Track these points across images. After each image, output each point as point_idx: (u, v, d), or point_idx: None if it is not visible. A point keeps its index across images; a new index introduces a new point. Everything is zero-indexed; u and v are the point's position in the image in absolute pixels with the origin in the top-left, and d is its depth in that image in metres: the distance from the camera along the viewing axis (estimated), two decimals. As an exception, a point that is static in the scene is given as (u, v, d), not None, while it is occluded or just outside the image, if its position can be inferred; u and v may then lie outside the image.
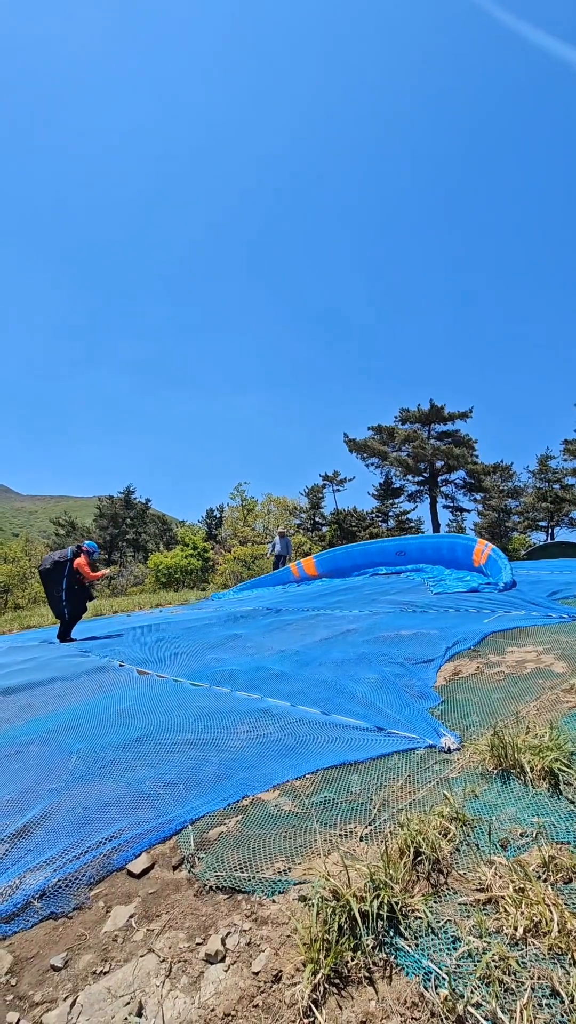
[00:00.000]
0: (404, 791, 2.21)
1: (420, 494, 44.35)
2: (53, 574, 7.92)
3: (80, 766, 2.96)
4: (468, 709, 3.05)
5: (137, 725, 3.48)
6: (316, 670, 4.29)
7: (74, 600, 8.04)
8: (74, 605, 8.06)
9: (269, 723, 3.21)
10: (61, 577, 7.89)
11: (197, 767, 2.73)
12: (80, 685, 4.91)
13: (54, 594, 7.96)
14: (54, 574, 7.92)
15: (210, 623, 8.05)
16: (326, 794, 2.29)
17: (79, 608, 8.21)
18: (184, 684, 4.40)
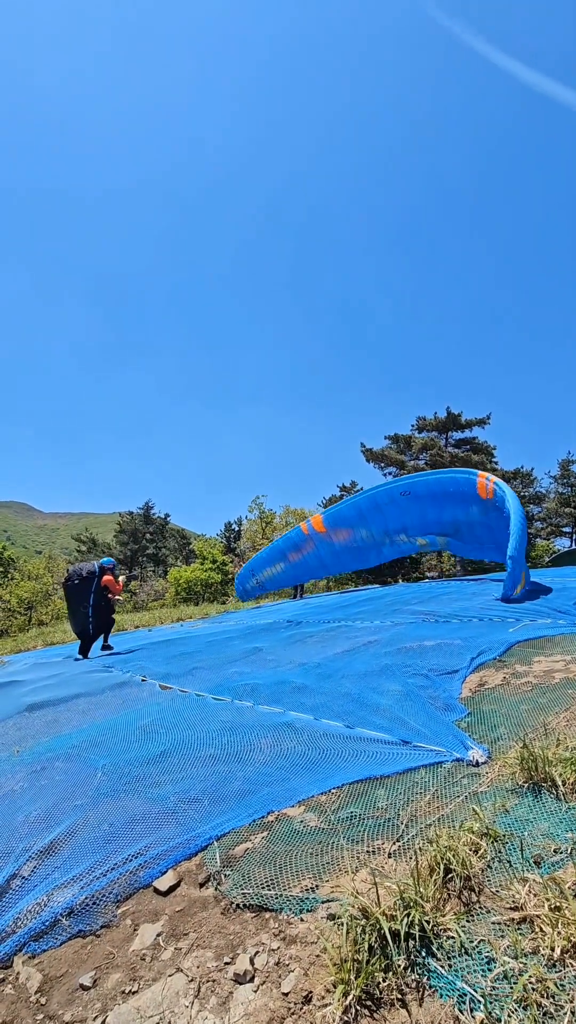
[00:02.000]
0: (432, 806, 2.16)
1: (439, 502, 43.91)
2: (81, 590, 8.00)
3: (105, 782, 2.97)
4: (495, 721, 2.98)
5: (161, 740, 3.49)
6: (339, 683, 4.25)
7: (100, 615, 8.13)
8: (100, 620, 8.15)
9: (293, 737, 3.18)
10: (88, 593, 7.96)
11: (221, 782, 2.72)
12: (104, 701, 4.94)
13: (80, 609, 8.04)
14: (82, 590, 8.00)
15: (231, 637, 8.05)
16: (352, 809, 2.25)
17: (106, 623, 8.30)
18: (206, 698, 4.39)
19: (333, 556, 14.18)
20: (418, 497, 11.72)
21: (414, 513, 12.16)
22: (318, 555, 14.32)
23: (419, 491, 11.64)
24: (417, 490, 11.66)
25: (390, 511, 12.40)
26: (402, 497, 12.03)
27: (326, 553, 14.16)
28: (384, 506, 12.41)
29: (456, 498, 11.04)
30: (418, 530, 12.58)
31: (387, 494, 12.39)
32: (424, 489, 11.57)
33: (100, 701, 4.93)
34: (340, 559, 14.32)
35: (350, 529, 13.47)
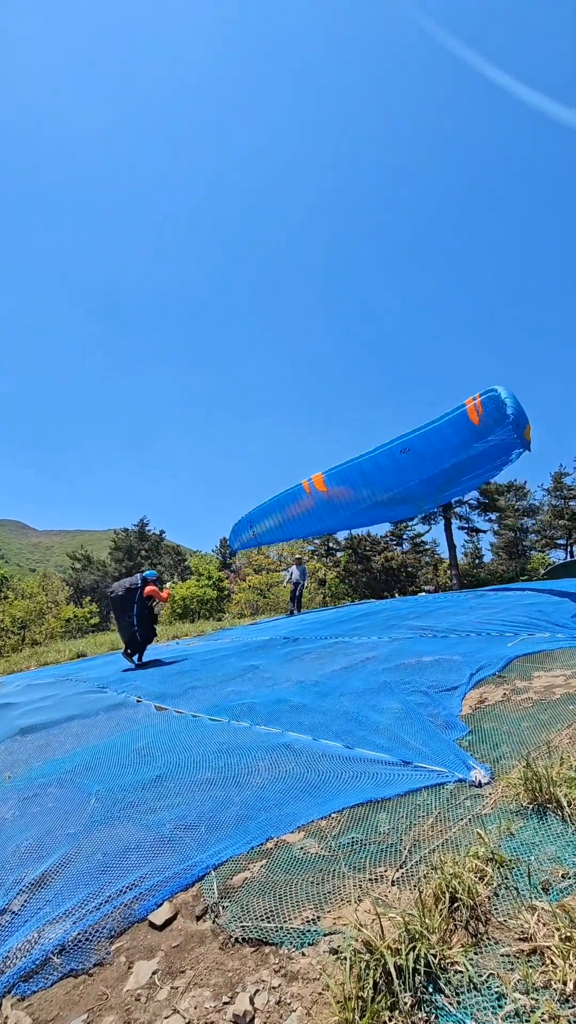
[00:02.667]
0: (435, 830, 2.11)
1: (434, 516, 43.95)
2: (125, 601, 8.27)
3: (99, 809, 2.89)
4: (497, 739, 2.93)
5: (156, 764, 3.41)
6: (337, 701, 4.18)
7: (145, 625, 8.42)
8: (145, 629, 8.43)
9: (291, 759, 3.12)
10: (132, 604, 8.23)
11: (218, 808, 2.65)
12: (98, 723, 4.84)
13: (124, 620, 8.33)
14: (126, 601, 8.27)
15: (227, 654, 7.95)
16: (353, 835, 2.19)
17: (150, 632, 8.57)
18: (203, 719, 4.31)
19: (332, 513, 14.01)
20: (418, 453, 11.42)
21: (416, 470, 11.90)
22: (316, 512, 14.14)
23: (418, 447, 11.36)
24: (416, 446, 11.37)
25: (392, 470, 12.07)
26: (403, 455, 11.76)
27: (324, 510, 13.99)
28: (386, 466, 12.10)
29: (455, 442, 10.81)
30: (421, 487, 12.42)
31: (388, 454, 12.06)
32: (423, 444, 11.29)
33: (94, 723, 4.83)
34: (338, 516, 14.17)
35: (350, 489, 13.20)
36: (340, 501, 13.53)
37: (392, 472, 12.21)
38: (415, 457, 11.56)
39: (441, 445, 11.11)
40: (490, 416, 9.70)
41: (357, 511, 13.65)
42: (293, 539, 15.77)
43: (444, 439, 10.98)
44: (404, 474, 12.12)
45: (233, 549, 17.16)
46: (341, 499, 13.49)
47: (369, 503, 13.20)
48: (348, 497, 13.40)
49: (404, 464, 11.88)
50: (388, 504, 13.14)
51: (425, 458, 11.51)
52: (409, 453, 11.58)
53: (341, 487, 13.26)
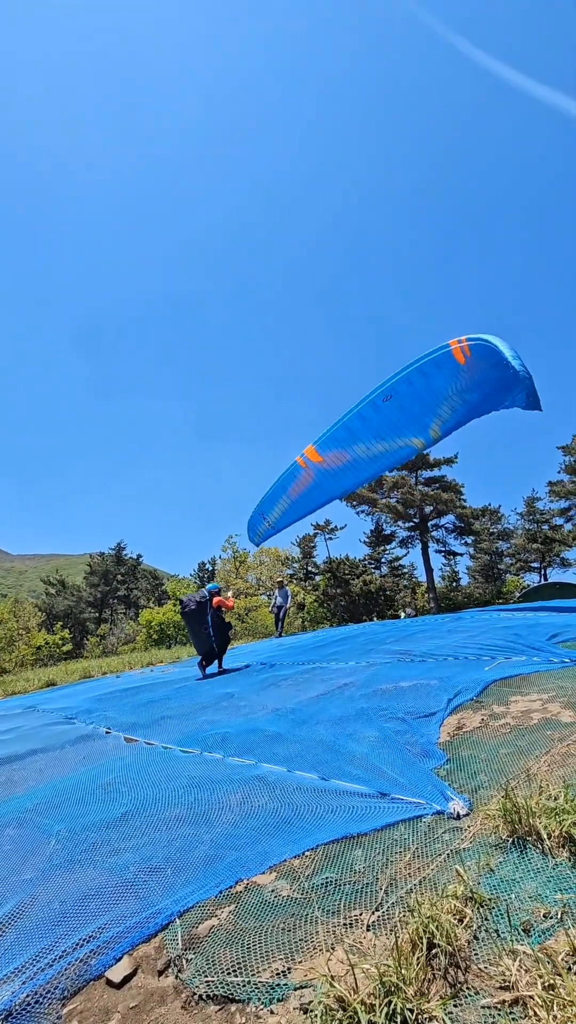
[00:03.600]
0: (412, 867, 2.01)
1: (411, 540, 44.34)
2: (197, 614, 8.70)
3: (59, 851, 2.71)
4: (475, 767, 2.86)
5: (123, 800, 3.24)
6: (313, 729, 4.07)
7: (221, 633, 8.84)
8: (221, 637, 8.85)
9: (264, 792, 2.99)
10: (205, 615, 8.66)
11: (186, 847, 2.50)
12: (64, 756, 4.62)
13: (201, 632, 8.73)
14: (198, 614, 8.70)
15: (202, 681, 7.75)
16: (328, 874, 2.08)
17: (225, 639, 8.98)
18: (174, 751, 4.14)
19: (333, 480, 13.69)
20: (402, 397, 11.13)
21: (403, 414, 11.68)
22: (319, 484, 13.82)
23: (401, 391, 11.12)
24: (399, 390, 11.14)
25: (378, 420, 11.81)
26: (386, 403, 11.52)
27: (326, 479, 13.67)
28: (371, 417, 11.82)
29: (438, 382, 10.64)
30: (412, 429, 12.14)
31: (370, 405, 11.68)
32: (405, 388, 11.08)
33: (60, 757, 4.60)
34: (340, 481, 13.86)
35: (344, 450, 12.85)
36: (338, 466, 13.24)
37: (379, 422, 11.92)
38: (401, 401, 11.30)
39: (424, 385, 10.85)
40: (481, 359, 9.56)
41: (358, 470, 13.41)
42: (307, 515, 15.47)
43: (427, 379, 10.72)
44: (393, 420, 11.87)
45: (257, 544, 16.81)
46: (339, 464, 13.22)
47: (367, 458, 12.95)
48: (345, 459, 13.12)
49: (390, 411, 11.61)
50: (386, 454, 12.87)
51: (411, 400, 11.22)
52: (392, 400, 11.34)
53: (334, 452, 12.95)
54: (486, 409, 11.23)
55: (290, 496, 14.44)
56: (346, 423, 12.36)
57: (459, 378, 10.49)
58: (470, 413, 11.59)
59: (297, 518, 15.42)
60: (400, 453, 12.99)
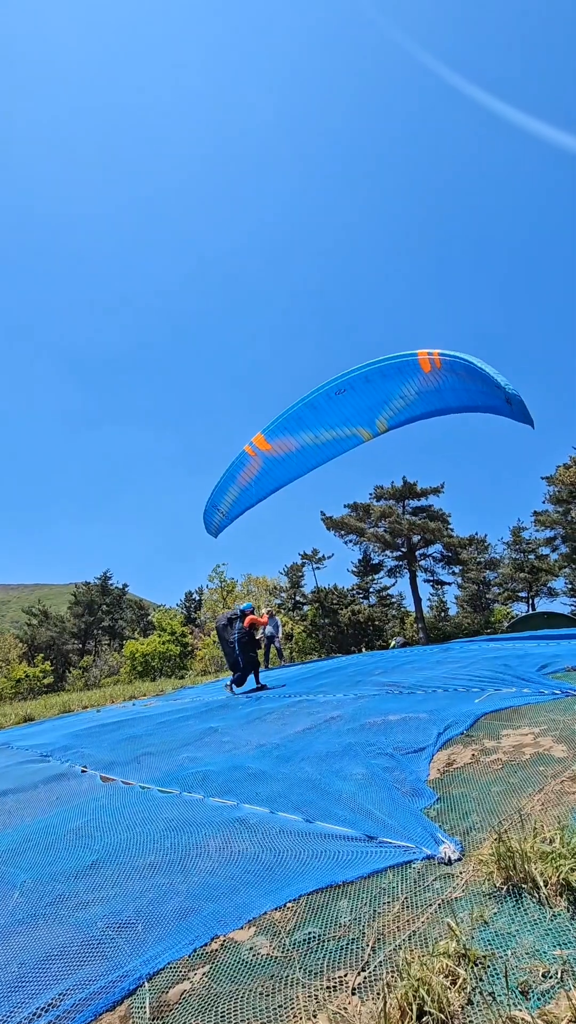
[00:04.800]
0: (402, 919, 1.88)
1: (399, 569, 44.31)
2: (227, 630, 9.43)
3: (22, 904, 2.51)
4: (467, 807, 2.73)
5: (94, 846, 3.03)
6: (298, 766, 3.90)
7: (245, 650, 9.30)
8: (246, 654, 9.31)
9: (245, 836, 2.82)
10: (232, 632, 9.34)
11: (160, 899, 2.33)
12: (35, 797, 4.37)
13: (227, 647, 9.45)
14: (228, 630, 9.43)
15: (185, 716, 7.48)
16: (311, 929, 1.93)
17: (251, 659, 9.37)
18: (152, 791, 3.93)
19: (281, 467, 13.85)
20: (356, 392, 11.34)
21: (354, 407, 11.90)
22: (266, 471, 13.95)
23: (357, 386, 11.28)
24: (355, 385, 11.29)
25: (329, 411, 12.01)
26: (339, 396, 11.72)
27: (273, 466, 13.82)
28: (322, 407, 12.03)
29: (395, 384, 10.83)
30: (360, 421, 12.33)
31: (324, 396, 11.87)
32: (362, 384, 11.24)
33: (31, 798, 4.35)
34: (287, 468, 14.00)
35: (292, 438, 13.03)
36: (286, 453, 13.43)
37: (329, 413, 12.16)
38: (354, 395, 11.55)
39: (381, 385, 11.11)
40: (456, 373, 9.79)
41: (305, 458, 13.64)
42: (256, 503, 15.51)
43: (386, 379, 10.97)
44: (344, 412, 12.14)
45: (215, 535, 16.69)
46: (286, 451, 13.43)
47: (314, 446, 13.17)
48: (293, 447, 13.34)
49: (342, 403, 11.85)
50: (333, 442, 13.10)
51: (365, 395, 11.47)
52: (346, 393, 11.59)
53: (282, 439, 13.10)
54: (420, 413, 11.74)
55: (239, 485, 14.64)
56: (296, 412, 12.66)
57: (418, 383, 10.91)
58: (425, 414, 12.03)
59: (248, 506, 15.63)
60: (347, 443, 13.40)
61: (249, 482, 14.45)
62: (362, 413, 12.21)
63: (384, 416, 12.17)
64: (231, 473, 14.37)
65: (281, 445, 13.33)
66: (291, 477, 14.56)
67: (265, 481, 14.39)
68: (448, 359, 9.87)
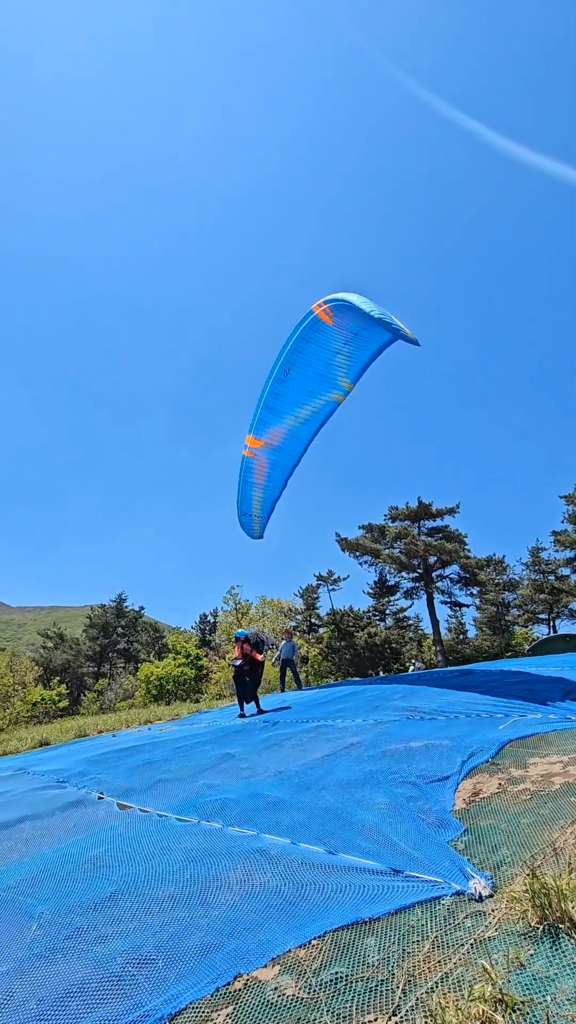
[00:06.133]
0: (432, 960, 1.80)
1: (416, 591, 43.77)
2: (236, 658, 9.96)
3: (40, 937, 2.46)
4: (496, 840, 2.64)
5: (112, 876, 2.98)
6: (318, 795, 3.81)
7: (248, 673, 9.85)
8: (250, 676, 9.89)
9: (267, 868, 2.75)
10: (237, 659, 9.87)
11: (180, 934, 2.27)
12: (52, 825, 4.32)
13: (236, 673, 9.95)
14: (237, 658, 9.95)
15: (202, 741, 7.39)
16: (337, 968, 1.86)
17: (253, 679, 9.93)
18: (170, 819, 3.87)
19: (283, 453, 14.21)
20: (299, 366, 11.60)
21: (309, 379, 12.16)
22: (274, 462, 14.31)
23: (296, 361, 11.49)
24: (294, 361, 11.51)
25: (290, 392, 12.29)
26: (287, 377, 11.95)
27: (278, 456, 14.16)
28: (283, 392, 12.29)
29: (322, 343, 11.00)
30: (324, 387, 12.56)
31: (277, 383, 12.14)
32: (297, 357, 11.49)
33: (48, 826, 4.30)
34: (289, 451, 14.33)
35: (278, 426, 13.38)
36: (281, 441, 13.72)
37: (292, 393, 12.47)
38: (300, 369, 11.82)
39: (313, 350, 11.41)
40: (346, 316, 10.01)
41: (300, 436, 13.99)
42: (282, 491, 15.96)
43: (311, 343, 11.30)
44: (303, 386, 12.43)
45: (260, 536, 17.09)
46: (280, 439, 13.75)
47: (300, 424, 13.49)
48: (283, 433, 13.66)
49: (296, 380, 12.13)
50: (315, 414, 13.38)
51: (309, 366, 11.74)
52: (292, 371, 11.83)
53: (270, 431, 13.42)
54: (374, 351, 12.10)
55: (259, 485, 15.06)
56: (266, 405, 13.06)
57: (337, 335, 11.16)
58: (364, 358, 12.35)
59: (276, 498, 16.10)
60: (326, 409, 13.79)
61: (265, 478, 14.90)
62: (319, 381, 12.65)
63: (340, 374, 12.56)
64: (245, 479, 14.78)
65: (271, 436, 13.78)
66: (298, 456, 15.04)
67: (277, 471, 14.86)
68: (332, 304, 10.34)
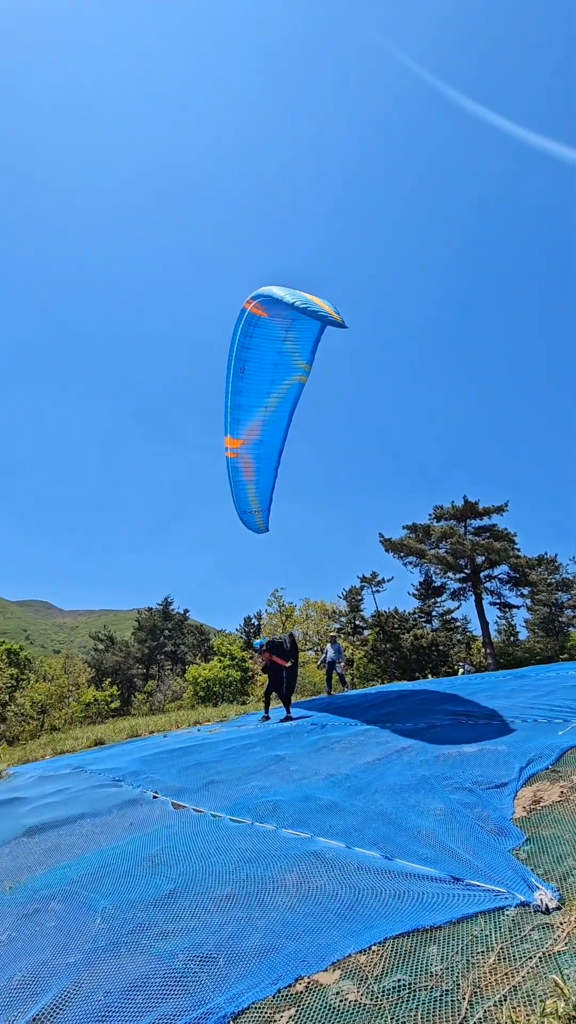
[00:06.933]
0: (499, 972, 1.75)
1: (464, 591, 42.70)
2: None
3: (104, 932, 2.54)
4: (561, 850, 2.53)
5: (170, 875, 3.04)
6: (371, 799, 3.77)
7: (269, 682, 10.53)
8: (268, 686, 10.59)
9: (322, 871, 2.74)
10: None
11: (239, 933, 2.29)
12: (111, 822, 4.45)
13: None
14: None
15: (251, 743, 7.45)
16: (399, 975, 1.83)
17: (275, 683, 10.37)
18: (223, 820, 3.91)
19: (264, 445, 14.48)
20: (252, 360, 11.67)
21: (266, 370, 12.23)
22: (258, 454, 14.55)
23: (247, 357, 11.63)
24: (245, 357, 11.64)
25: (252, 386, 12.44)
26: (244, 373, 12.04)
27: (259, 448, 14.40)
28: (246, 388, 12.47)
29: (265, 334, 11.02)
30: (283, 373, 12.59)
31: (237, 381, 12.40)
32: (247, 353, 11.60)
33: (106, 823, 4.44)
34: (270, 441, 14.58)
35: (252, 420, 13.58)
36: (259, 434, 13.90)
37: (255, 386, 12.62)
38: (254, 364, 11.92)
39: (259, 342, 11.53)
40: (275, 308, 10.11)
41: (276, 424, 14.21)
42: (275, 481, 16.24)
43: (255, 338, 11.43)
44: (263, 378, 12.58)
45: (265, 530, 17.43)
46: (258, 432, 13.95)
47: (272, 413, 13.67)
48: (259, 424, 13.81)
49: (254, 374, 12.25)
50: (283, 400, 13.50)
51: (261, 358, 11.91)
52: (247, 366, 11.97)
53: (246, 427, 13.61)
54: (315, 333, 12.29)
55: (250, 480, 15.32)
56: (234, 404, 13.38)
57: (276, 324, 11.35)
58: (310, 339, 12.46)
59: (271, 487, 16.36)
60: (292, 392, 13.93)
61: (254, 472, 15.17)
62: (277, 369, 12.82)
63: (293, 358, 12.64)
64: (235, 480, 15.12)
65: (248, 433, 14.01)
66: (280, 442, 15.30)
67: (264, 462, 15.15)
68: (260, 299, 10.25)
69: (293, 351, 12.67)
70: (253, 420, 14.06)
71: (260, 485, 15.93)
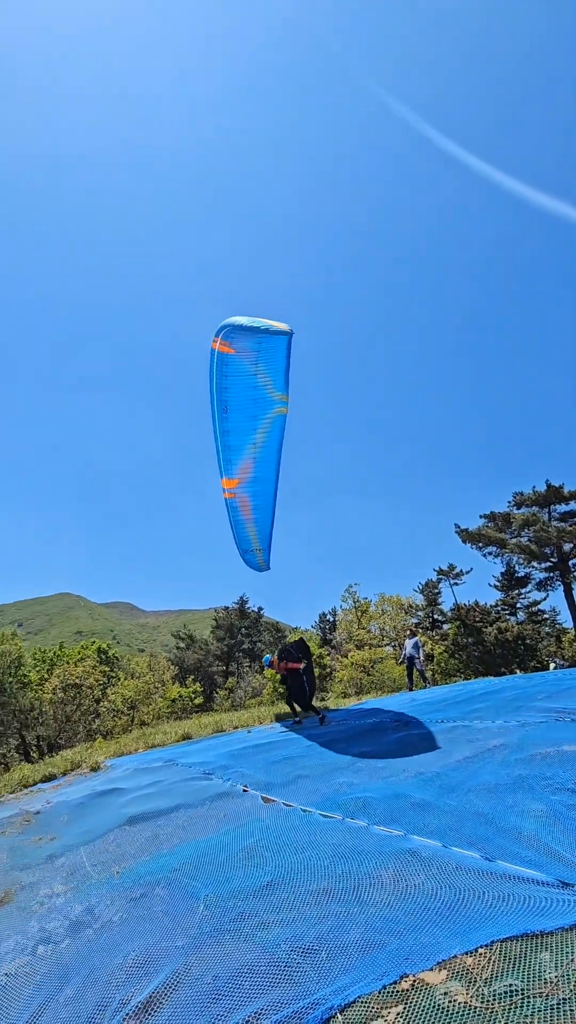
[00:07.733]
0: (622, 985, 1.64)
1: (551, 581, 40.34)
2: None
3: (207, 918, 2.64)
4: None
5: (266, 867, 3.11)
6: (464, 798, 3.66)
7: (288, 688, 10.95)
8: (288, 692, 11.03)
9: (419, 869, 2.69)
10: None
11: (339, 928, 2.30)
12: (204, 814, 4.62)
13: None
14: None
15: (333, 739, 7.46)
16: (510, 980, 1.77)
17: (291, 694, 10.93)
18: (313, 815, 3.95)
19: (259, 482, 14.46)
20: (232, 400, 11.65)
21: (247, 407, 12.11)
22: (254, 492, 14.65)
23: (227, 397, 11.65)
24: (225, 398, 11.70)
25: (237, 424, 12.35)
26: (227, 414, 11.92)
27: (255, 485, 14.47)
28: (232, 429, 12.43)
29: (235, 371, 10.97)
30: (263, 407, 12.37)
31: (223, 422, 12.41)
32: (225, 395, 11.53)
33: (200, 815, 4.61)
34: (264, 476, 14.58)
35: (243, 459, 13.55)
36: (252, 472, 13.89)
37: (239, 424, 12.53)
38: (235, 403, 11.80)
39: (233, 380, 11.36)
40: (241, 339, 10.14)
41: (266, 459, 14.13)
42: (271, 521, 16.34)
43: (229, 377, 11.44)
44: (245, 415, 12.48)
45: (267, 568, 17.70)
46: (251, 470, 13.95)
47: (261, 447, 13.58)
48: (251, 463, 13.78)
49: (237, 413, 12.13)
50: (269, 434, 13.36)
51: (240, 396, 11.99)
52: (229, 406, 11.84)
53: (239, 466, 13.61)
54: (282, 358, 11.97)
55: (248, 520, 15.41)
56: (223, 445, 13.51)
57: (244, 360, 11.38)
58: (279, 367, 12.13)
59: (270, 525, 16.39)
60: (276, 425, 13.74)
61: (252, 511, 15.36)
62: (256, 405, 12.78)
63: (268, 391, 12.44)
64: (235, 520, 15.39)
65: (242, 471, 14.15)
66: (273, 479, 15.38)
67: (260, 499, 15.30)
68: (223, 334, 10.23)
69: (266, 384, 12.92)
70: (243, 459, 14.42)
71: (259, 523, 16.25)
